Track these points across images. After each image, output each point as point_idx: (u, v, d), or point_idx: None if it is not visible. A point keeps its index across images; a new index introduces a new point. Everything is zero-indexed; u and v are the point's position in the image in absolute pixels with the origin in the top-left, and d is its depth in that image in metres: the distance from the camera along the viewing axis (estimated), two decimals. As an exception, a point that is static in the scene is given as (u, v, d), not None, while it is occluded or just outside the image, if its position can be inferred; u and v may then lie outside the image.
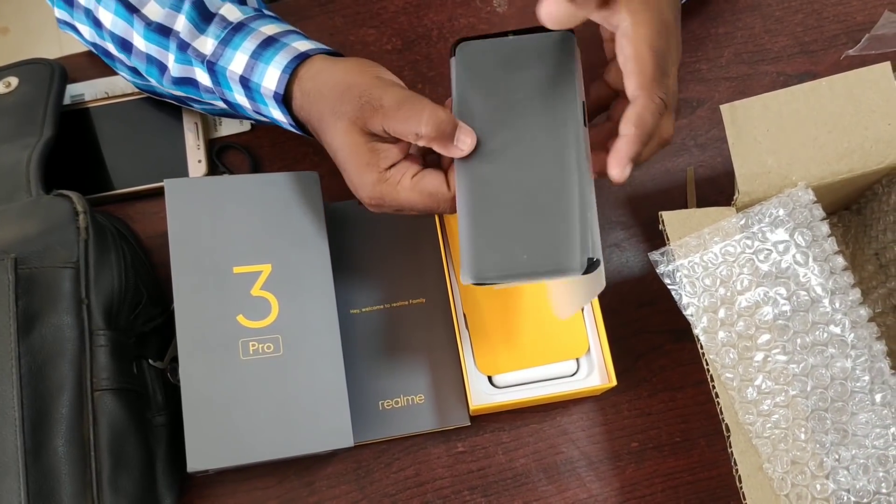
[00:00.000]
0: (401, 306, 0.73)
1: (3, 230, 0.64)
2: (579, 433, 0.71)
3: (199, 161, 0.76)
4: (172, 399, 0.67)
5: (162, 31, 0.67)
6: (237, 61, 0.66)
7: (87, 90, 0.80)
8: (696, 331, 0.61)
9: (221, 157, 0.78)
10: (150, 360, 0.68)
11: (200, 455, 0.62)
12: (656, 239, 0.73)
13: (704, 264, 0.62)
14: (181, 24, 0.67)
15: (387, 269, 0.74)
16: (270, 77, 0.64)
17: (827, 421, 0.59)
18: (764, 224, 0.62)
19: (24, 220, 0.65)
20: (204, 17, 0.67)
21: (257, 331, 0.65)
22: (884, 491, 0.58)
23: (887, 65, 0.63)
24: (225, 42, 0.66)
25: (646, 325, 0.74)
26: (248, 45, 0.66)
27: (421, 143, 0.58)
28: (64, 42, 0.82)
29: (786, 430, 0.59)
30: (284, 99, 0.65)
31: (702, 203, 0.76)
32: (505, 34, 0.60)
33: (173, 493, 0.67)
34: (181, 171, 0.76)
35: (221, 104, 0.71)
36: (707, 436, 0.71)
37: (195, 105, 0.74)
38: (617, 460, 0.71)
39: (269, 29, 0.67)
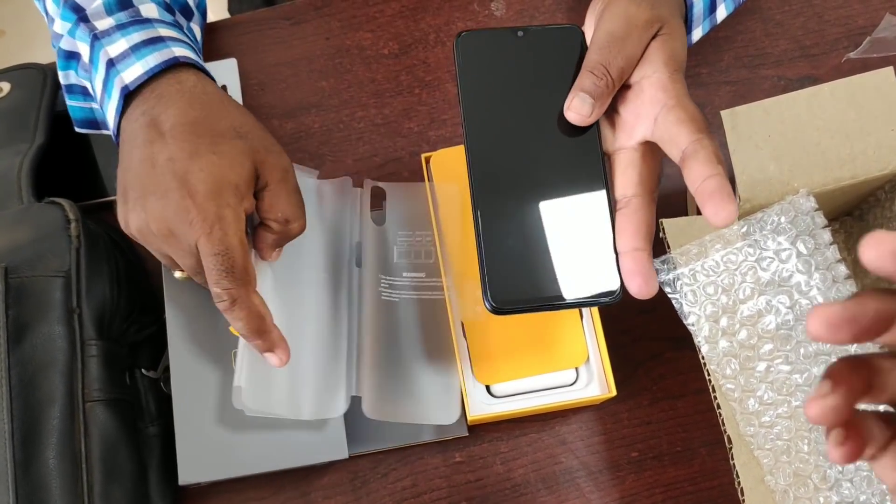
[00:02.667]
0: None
1: (-7, 238, 0.63)
2: (578, 443, 0.71)
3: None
4: (166, 409, 0.67)
5: (74, 9, 0.66)
6: (116, 46, 0.64)
7: (80, 95, 0.79)
8: (698, 340, 0.60)
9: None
10: (143, 370, 0.67)
11: (192, 468, 0.62)
12: (657, 246, 0.72)
13: (706, 272, 0.61)
14: (94, 4, 0.66)
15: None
16: (132, 71, 0.63)
17: (808, 426, 0.58)
18: (765, 231, 0.61)
19: (15, 228, 0.64)
20: (121, 4, 0.66)
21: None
22: (845, 493, 0.57)
23: (890, 70, 0.62)
24: (120, 27, 0.65)
25: (645, 332, 0.73)
26: (137, 36, 0.64)
27: (270, 224, 0.61)
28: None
29: (788, 441, 0.58)
30: (131, 97, 0.63)
31: (702, 209, 0.75)
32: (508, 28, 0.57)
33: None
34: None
35: (89, 92, 0.70)
36: (708, 445, 0.70)
37: (67, 100, 0.71)
38: (617, 470, 0.70)
39: (167, 31, 0.66)
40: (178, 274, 0.65)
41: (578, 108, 0.54)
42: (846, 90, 0.62)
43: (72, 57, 0.68)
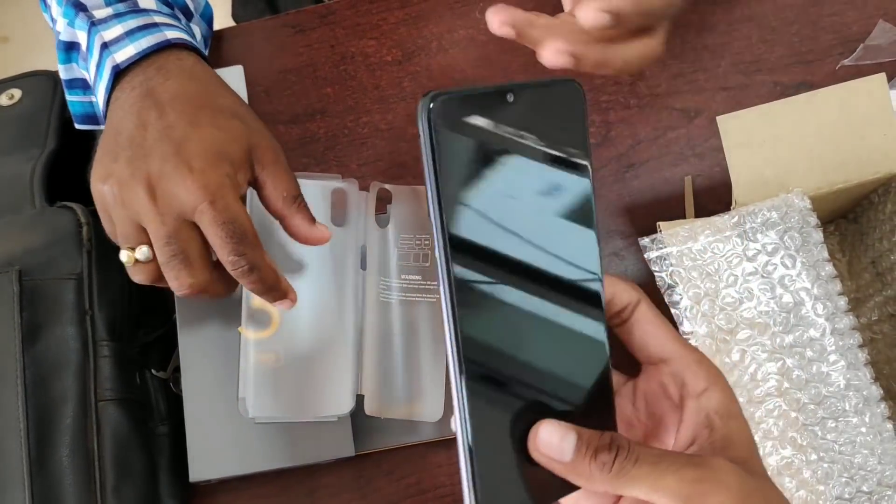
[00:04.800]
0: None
1: (7, 242, 0.65)
2: (579, 441, 0.72)
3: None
4: (175, 409, 0.68)
5: (76, 5, 0.67)
6: (112, 31, 0.65)
7: (90, 102, 0.81)
8: (679, 319, 0.61)
9: (223, 168, 0.79)
10: (153, 371, 0.68)
11: (203, 465, 0.63)
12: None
13: (693, 256, 0.62)
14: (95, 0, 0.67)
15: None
16: (125, 52, 0.63)
17: (798, 421, 0.59)
18: (756, 224, 0.62)
19: (28, 232, 0.66)
20: None
21: (259, 342, 0.65)
22: (846, 497, 0.58)
23: (882, 76, 0.64)
24: (117, 15, 0.66)
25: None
26: (133, 23, 0.65)
27: (283, 212, 0.61)
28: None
29: (757, 424, 0.60)
30: (121, 75, 0.64)
31: (700, 213, 0.76)
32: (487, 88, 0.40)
33: (176, 502, 0.67)
34: (183, 182, 0.77)
35: (89, 85, 0.70)
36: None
37: (68, 96, 0.72)
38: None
39: (162, 19, 0.67)
40: (126, 254, 0.60)
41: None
42: (840, 96, 0.64)
43: (72, 48, 0.69)
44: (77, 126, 0.73)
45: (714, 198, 0.78)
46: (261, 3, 1.18)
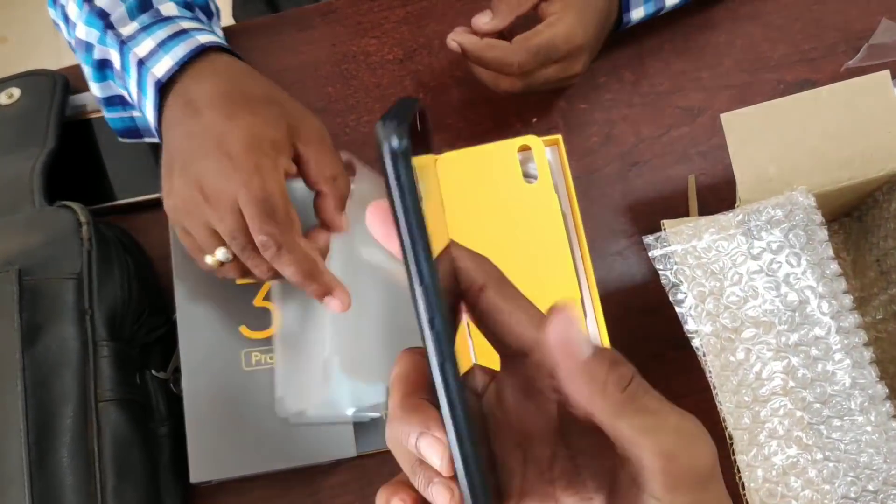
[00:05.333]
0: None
1: (7, 241, 0.64)
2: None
3: (202, 171, 0.77)
4: (175, 410, 0.68)
5: (100, 15, 0.67)
6: (144, 45, 0.65)
7: (89, 101, 0.80)
8: (683, 317, 0.61)
9: (224, 167, 0.79)
10: (154, 371, 0.68)
11: (203, 466, 0.63)
12: (653, 224, 0.73)
13: (697, 254, 0.61)
14: (118, 10, 0.67)
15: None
16: (162, 65, 0.64)
17: (804, 420, 0.59)
18: (760, 222, 0.62)
19: (27, 232, 0.65)
20: (142, 7, 0.68)
21: (259, 342, 0.65)
22: (852, 496, 0.58)
23: (887, 73, 0.64)
24: (145, 29, 0.66)
25: (649, 333, 0.74)
26: (162, 33, 0.65)
27: (322, 189, 0.62)
28: (63, 51, 0.82)
29: (762, 423, 0.59)
30: (166, 89, 0.64)
31: (703, 211, 0.76)
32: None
33: (177, 503, 0.67)
34: (184, 181, 0.77)
35: (129, 102, 0.71)
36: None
37: (105, 113, 0.73)
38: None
39: (189, 24, 0.67)
40: (209, 258, 0.61)
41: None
42: (844, 93, 0.64)
43: (105, 66, 0.69)
44: (121, 139, 0.75)
45: (718, 196, 0.77)
46: (260, 4, 1.17)
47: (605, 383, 0.32)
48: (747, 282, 0.61)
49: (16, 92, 0.77)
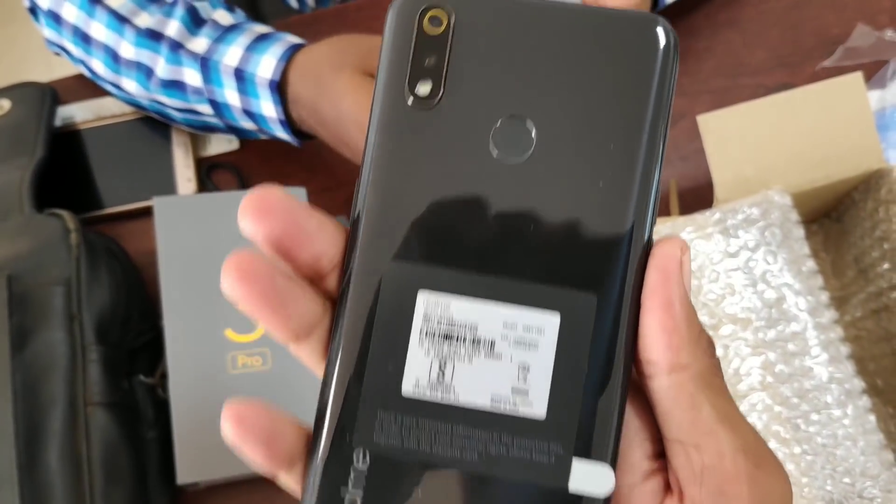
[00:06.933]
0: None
1: (-5, 248, 0.65)
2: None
3: (189, 180, 0.78)
4: (163, 415, 0.68)
5: (153, 36, 0.69)
6: (231, 54, 0.67)
7: (78, 112, 0.81)
8: None
9: (211, 175, 0.79)
10: (142, 376, 0.69)
11: (190, 467, 0.63)
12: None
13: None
14: (174, 27, 0.69)
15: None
16: (266, 65, 0.66)
17: (782, 415, 0.60)
18: (737, 221, 0.63)
19: (16, 239, 0.66)
20: (196, 21, 0.69)
21: (245, 345, 0.66)
22: (828, 487, 0.58)
23: (859, 74, 0.65)
24: (219, 40, 0.68)
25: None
26: (243, 40, 0.67)
27: None
28: (53, 65, 0.83)
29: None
30: (279, 87, 0.66)
31: (685, 213, 0.77)
32: None
33: (166, 507, 0.68)
34: (171, 190, 0.77)
35: (202, 112, 0.72)
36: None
37: (174, 115, 0.75)
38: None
39: (262, 29, 0.69)
40: None
41: None
42: (819, 95, 0.65)
43: (174, 86, 0.71)
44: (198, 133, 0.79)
45: (699, 200, 0.78)
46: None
47: (697, 338, 0.27)
48: (725, 279, 0.62)
49: (6, 104, 0.78)
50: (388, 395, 0.28)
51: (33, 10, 0.77)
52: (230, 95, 0.69)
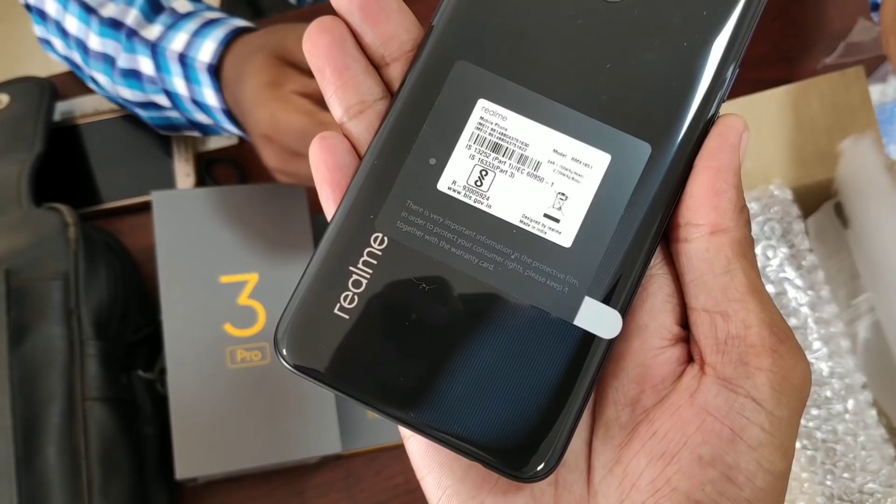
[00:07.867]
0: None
1: (-6, 243, 0.65)
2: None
3: (188, 174, 0.77)
4: (162, 410, 0.68)
5: (114, 25, 0.69)
6: (178, 40, 0.67)
7: (77, 107, 0.81)
8: None
9: (210, 170, 0.79)
10: (140, 371, 0.68)
11: (189, 462, 0.63)
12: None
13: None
14: (132, 15, 0.69)
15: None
16: (206, 49, 0.65)
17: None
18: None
19: (15, 233, 0.66)
20: (155, 9, 0.69)
21: (244, 339, 0.66)
22: (828, 482, 0.58)
23: (861, 69, 0.65)
24: (170, 27, 0.68)
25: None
26: (191, 26, 0.67)
27: None
28: (51, 60, 0.83)
29: None
30: (217, 72, 0.66)
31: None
32: None
33: (164, 502, 0.67)
34: (170, 184, 0.77)
35: (162, 105, 0.71)
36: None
37: (139, 113, 0.74)
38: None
39: (213, 14, 0.69)
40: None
41: None
42: (819, 89, 0.65)
43: (131, 75, 0.70)
44: (161, 133, 0.77)
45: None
46: (245, 10, 1.18)
47: (742, 208, 0.28)
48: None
49: (5, 98, 0.77)
50: (422, 187, 0.28)
51: (28, 6, 0.77)
52: (178, 83, 0.68)
